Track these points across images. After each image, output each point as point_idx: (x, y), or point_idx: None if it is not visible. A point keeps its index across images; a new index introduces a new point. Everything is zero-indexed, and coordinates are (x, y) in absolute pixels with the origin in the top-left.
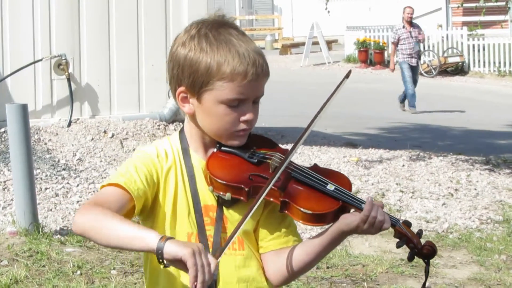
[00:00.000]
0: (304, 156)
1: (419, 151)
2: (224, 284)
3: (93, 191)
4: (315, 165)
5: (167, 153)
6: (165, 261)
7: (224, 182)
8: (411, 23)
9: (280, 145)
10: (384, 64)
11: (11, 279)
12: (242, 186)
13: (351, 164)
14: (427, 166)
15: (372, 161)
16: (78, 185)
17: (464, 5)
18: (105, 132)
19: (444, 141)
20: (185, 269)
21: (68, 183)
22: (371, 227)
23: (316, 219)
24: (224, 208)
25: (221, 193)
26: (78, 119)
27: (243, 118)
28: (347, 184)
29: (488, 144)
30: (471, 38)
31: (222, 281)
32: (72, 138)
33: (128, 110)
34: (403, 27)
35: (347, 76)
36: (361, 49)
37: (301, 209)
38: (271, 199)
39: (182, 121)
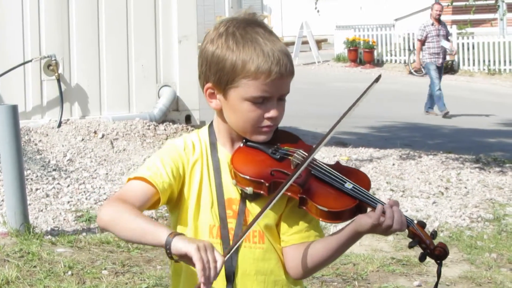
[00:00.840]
0: None
1: (409, 150)
2: (242, 276)
3: (84, 192)
4: (337, 162)
5: (195, 146)
6: (173, 256)
7: (246, 176)
8: (439, 21)
9: (303, 141)
10: (374, 63)
11: (2, 280)
12: (263, 181)
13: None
14: (417, 164)
15: (362, 160)
16: (68, 186)
17: (454, 3)
18: (95, 132)
19: (434, 140)
20: (192, 264)
21: (58, 183)
22: (386, 228)
23: (332, 216)
24: (247, 201)
25: (244, 187)
26: (68, 119)
27: (267, 115)
28: (367, 183)
29: (478, 143)
30: (461, 36)
31: (240, 273)
32: (63, 139)
33: (118, 111)
34: (432, 24)
35: (376, 80)
36: (351, 48)
37: (318, 205)
38: (290, 194)
39: (172, 121)
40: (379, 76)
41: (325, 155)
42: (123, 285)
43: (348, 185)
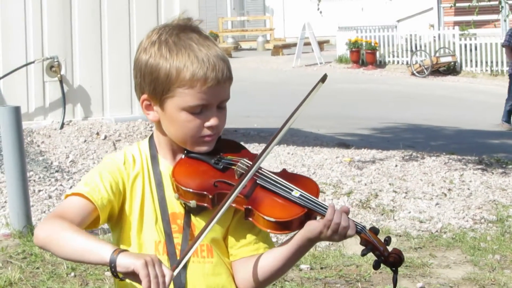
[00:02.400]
0: (297, 157)
1: (412, 151)
2: None
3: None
4: (284, 170)
5: (135, 159)
6: (119, 274)
7: (188, 189)
8: None
9: (247, 149)
10: (376, 64)
11: (5, 282)
12: (206, 193)
13: (344, 165)
14: (420, 166)
15: (365, 162)
16: (71, 187)
17: (457, 4)
18: (97, 134)
19: (436, 141)
20: (139, 281)
21: (61, 185)
22: (335, 233)
23: (280, 226)
24: (191, 215)
25: (187, 200)
26: (70, 121)
27: (207, 124)
28: (315, 190)
29: (481, 144)
30: (463, 37)
31: None
32: (65, 140)
33: (121, 112)
34: None
35: (322, 80)
36: (353, 49)
37: (264, 216)
38: (235, 206)
39: None
40: (325, 76)
41: (328, 157)
42: None
43: (296, 193)
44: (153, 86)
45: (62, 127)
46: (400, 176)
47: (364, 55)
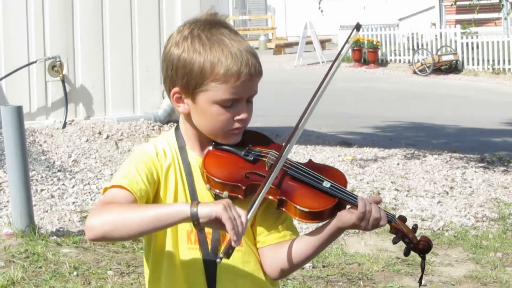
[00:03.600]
0: (299, 156)
1: (413, 149)
2: (223, 279)
3: (89, 192)
4: (310, 160)
5: (165, 151)
6: (201, 224)
7: (221, 180)
8: None
9: (274, 140)
10: (378, 63)
11: (7, 281)
12: (239, 184)
13: (346, 163)
14: (422, 164)
15: (367, 160)
16: (73, 186)
17: (458, 3)
18: (100, 133)
19: (438, 139)
20: (220, 226)
21: (63, 184)
22: (367, 224)
23: (313, 216)
24: None
25: (218, 191)
26: (73, 120)
27: (237, 117)
28: (343, 180)
29: (483, 142)
30: (465, 36)
31: (221, 277)
32: (67, 140)
33: (123, 111)
34: None
35: (357, 28)
36: (355, 48)
37: (298, 206)
38: (270, 197)
39: (177, 122)
40: (358, 24)
41: (330, 155)
42: (128, 286)
43: (326, 184)
44: (186, 79)
45: (64, 126)
46: (402, 174)
47: (366, 54)
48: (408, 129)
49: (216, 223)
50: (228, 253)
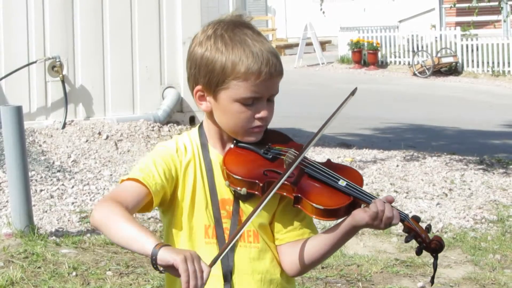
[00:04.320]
0: None
1: (413, 151)
2: (239, 276)
3: (88, 193)
4: (329, 160)
5: (187, 147)
6: (159, 267)
7: (239, 177)
8: None
9: (294, 140)
10: (378, 64)
11: (6, 281)
12: (257, 181)
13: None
14: (421, 166)
15: (366, 162)
16: (73, 187)
17: (457, 5)
18: (99, 133)
19: (438, 141)
20: (178, 275)
21: (63, 184)
22: (380, 223)
23: (328, 214)
24: (240, 202)
25: (237, 187)
26: (72, 121)
27: (258, 115)
28: (359, 179)
29: (482, 144)
30: (465, 38)
31: (237, 272)
32: (67, 140)
33: (122, 112)
34: None
35: (352, 93)
36: (355, 49)
37: (313, 204)
38: (285, 194)
39: (176, 123)
40: (355, 89)
41: (329, 157)
42: (127, 286)
43: (342, 183)
44: (208, 78)
45: (64, 127)
46: (401, 176)
47: (366, 56)
48: (407, 131)
49: (173, 270)
50: None
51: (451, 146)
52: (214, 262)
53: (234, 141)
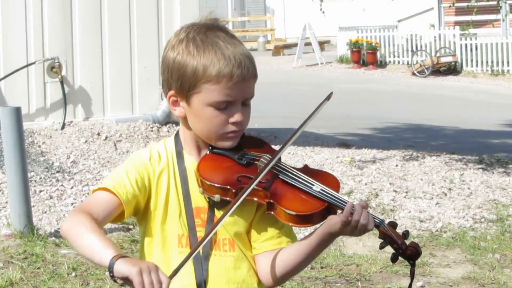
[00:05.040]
0: (298, 157)
1: (412, 151)
2: (213, 285)
3: (87, 193)
4: (306, 166)
5: (161, 155)
6: (117, 280)
7: (212, 183)
8: None
9: (273, 146)
10: (377, 64)
11: (6, 282)
12: (229, 187)
13: (344, 164)
14: (421, 165)
15: (366, 161)
16: (72, 188)
17: (456, 4)
18: (98, 134)
19: (437, 141)
20: (133, 286)
21: (62, 185)
22: (354, 228)
23: (302, 220)
24: (215, 209)
25: (211, 194)
26: (71, 121)
27: (231, 119)
28: (335, 185)
29: (481, 143)
30: (464, 37)
31: (211, 282)
32: (66, 141)
33: (122, 112)
34: None
35: (328, 98)
36: (354, 49)
37: (285, 210)
38: (256, 199)
39: (176, 123)
40: (331, 94)
41: (328, 157)
42: (126, 287)
43: (316, 188)
44: (180, 82)
45: (63, 127)
46: (400, 175)
47: (364, 55)
48: (406, 131)
49: (130, 282)
50: None
51: (451, 146)
52: (174, 273)
53: (210, 147)
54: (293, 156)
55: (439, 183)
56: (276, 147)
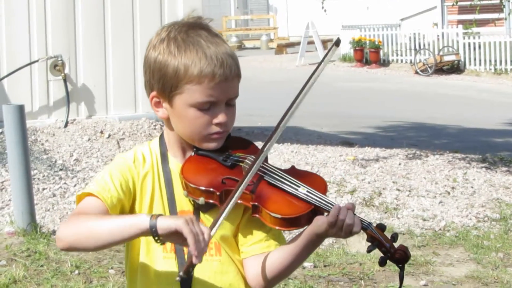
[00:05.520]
0: (301, 155)
1: (415, 149)
2: None
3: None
4: (293, 167)
5: (145, 158)
6: (160, 238)
7: (196, 186)
8: None
9: (257, 146)
10: (380, 63)
11: (9, 279)
12: (213, 189)
13: (347, 163)
14: (424, 164)
15: (369, 160)
16: (75, 185)
17: (459, 3)
18: (101, 132)
19: (440, 140)
20: (181, 240)
21: (65, 183)
22: (340, 231)
23: (287, 223)
24: (200, 213)
25: (195, 197)
26: (74, 119)
27: (215, 120)
28: (322, 186)
29: (485, 142)
30: (467, 36)
31: (198, 287)
32: (69, 139)
33: (125, 110)
34: None
35: (336, 43)
36: (357, 48)
37: (270, 213)
38: (242, 202)
39: None
40: (338, 40)
41: (331, 155)
42: None
43: (302, 190)
44: (161, 82)
45: (66, 125)
46: (403, 174)
47: (367, 54)
48: (409, 129)
49: (177, 236)
50: (188, 272)
51: (454, 144)
52: (213, 224)
53: (194, 149)
54: (296, 155)
55: (442, 182)
56: (280, 145)
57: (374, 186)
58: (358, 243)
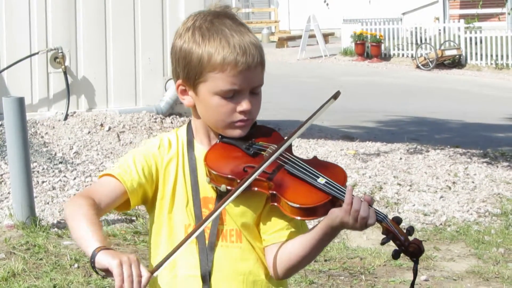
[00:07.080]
0: (302, 149)
1: (416, 144)
2: (218, 276)
3: (90, 184)
4: (315, 157)
5: (171, 144)
6: (98, 271)
7: (218, 173)
8: None
9: (281, 135)
10: (381, 57)
11: (8, 272)
12: (234, 177)
13: (348, 157)
14: (425, 159)
15: (370, 154)
16: (75, 178)
17: None
18: (101, 125)
19: (441, 134)
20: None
21: (65, 176)
22: (355, 222)
23: (305, 212)
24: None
25: (217, 184)
26: (74, 112)
27: (239, 108)
28: (342, 178)
29: (486, 137)
30: (468, 31)
31: (216, 273)
32: (69, 131)
33: (125, 103)
34: None
35: (334, 96)
36: (358, 42)
37: (288, 202)
38: (259, 189)
39: (179, 114)
40: (338, 93)
41: (332, 149)
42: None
43: (321, 180)
44: (186, 71)
45: (66, 118)
46: (404, 169)
47: (369, 48)
48: (411, 124)
49: (111, 274)
50: None
51: (455, 139)
52: (157, 268)
53: (219, 136)
54: (297, 149)
55: (443, 177)
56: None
57: (375, 180)
58: (359, 237)
